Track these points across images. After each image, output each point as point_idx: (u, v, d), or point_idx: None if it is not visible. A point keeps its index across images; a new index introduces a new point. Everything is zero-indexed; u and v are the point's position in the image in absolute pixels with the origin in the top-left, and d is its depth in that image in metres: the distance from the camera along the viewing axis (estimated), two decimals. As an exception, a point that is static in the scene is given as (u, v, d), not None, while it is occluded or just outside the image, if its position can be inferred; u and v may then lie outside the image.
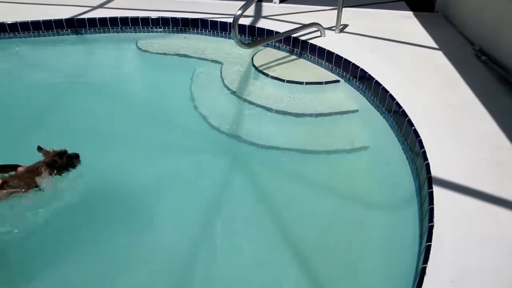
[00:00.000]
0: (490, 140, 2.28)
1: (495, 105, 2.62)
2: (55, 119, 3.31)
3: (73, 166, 2.36)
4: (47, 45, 4.45)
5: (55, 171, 2.31)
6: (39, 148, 2.38)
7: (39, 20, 4.38)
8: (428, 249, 1.61)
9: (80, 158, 2.42)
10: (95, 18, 4.48)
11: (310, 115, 3.09)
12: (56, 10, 4.68)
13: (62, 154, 2.34)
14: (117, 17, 4.50)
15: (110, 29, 4.56)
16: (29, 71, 4.18)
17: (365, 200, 2.46)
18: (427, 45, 3.68)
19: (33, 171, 2.24)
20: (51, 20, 4.40)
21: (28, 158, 2.60)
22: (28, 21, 4.37)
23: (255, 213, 2.42)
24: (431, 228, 1.70)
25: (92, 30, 4.53)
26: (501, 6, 3.26)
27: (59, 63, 4.29)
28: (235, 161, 2.90)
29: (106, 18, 4.49)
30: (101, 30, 4.54)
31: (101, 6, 4.96)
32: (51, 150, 2.35)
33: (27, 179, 2.19)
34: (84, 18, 4.47)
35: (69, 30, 4.49)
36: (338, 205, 2.45)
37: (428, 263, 1.55)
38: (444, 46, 3.64)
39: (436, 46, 3.65)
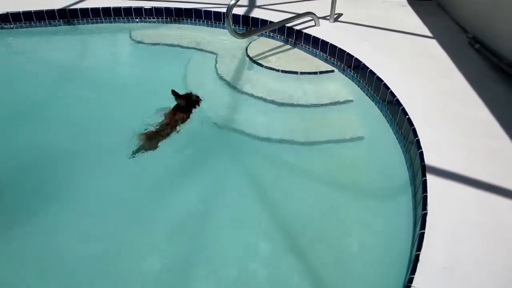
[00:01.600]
0: (484, 128, 2.30)
1: (488, 93, 2.64)
2: (48, 110, 3.30)
3: (199, 103, 3.06)
4: (39, 36, 4.39)
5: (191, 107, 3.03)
6: (173, 92, 2.98)
7: (31, 11, 4.32)
8: (421, 236, 1.63)
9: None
10: (88, 8, 4.42)
11: (305, 105, 3.09)
12: (48, 0, 4.62)
13: (191, 94, 3.05)
14: (110, 7, 4.45)
15: (103, 19, 4.50)
16: (20, 62, 4.13)
17: (360, 189, 2.48)
18: (422, 33, 3.69)
19: (175, 113, 2.92)
20: (43, 10, 4.34)
21: (18, 146, 2.78)
22: (19, 11, 4.31)
23: (249, 203, 2.43)
24: (424, 216, 1.72)
25: (85, 21, 4.48)
26: (495, -6, 3.27)
27: (51, 54, 4.23)
28: (228, 151, 2.89)
29: (99, 8, 4.44)
30: (94, 20, 4.49)
31: (93, -4, 4.90)
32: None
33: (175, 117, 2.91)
34: (77, 8, 4.41)
35: (61, 20, 4.43)
36: (333, 194, 2.47)
37: (422, 250, 1.58)
38: (438, 34, 3.64)
39: (430, 35, 3.66)
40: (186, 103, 2.97)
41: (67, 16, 4.42)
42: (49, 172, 2.66)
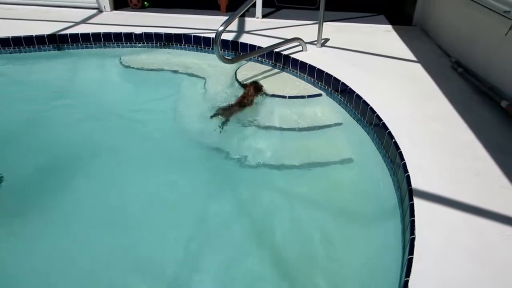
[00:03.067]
0: (468, 151, 2.34)
1: (472, 116, 2.70)
2: (37, 135, 3.27)
3: (261, 89, 3.48)
4: (29, 61, 4.40)
5: (258, 91, 3.46)
6: (241, 84, 3.58)
7: (20, 36, 4.33)
8: (410, 262, 1.63)
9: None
10: (78, 33, 4.45)
11: (293, 128, 3.12)
12: (38, 26, 4.65)
13: (256, 81, 3.58)
14: (100, 32, 4.49)
15: (93, 44, 4.53)
16: (9, 88, 4.11)
17: (348, 213, 2.47)
18: (406, 58, 3.78)
19: (246, 96, 3.40)
20: (32, 36, 4.36)
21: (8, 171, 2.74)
22: (8, 37, 4.32)
23: (237, 228, 2.41)
24: (412, 241, 1.72)
25: (75, 46, 4.50)
26: (475, 20, 3.38)
27: (40, 80, 4.23)
28: (217, 177, 2.89)
29: (89, 33, 4.47)
30: (84, 46, 4.52)
31: (83, 21, 4.95)
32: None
33: (244, 100, 3.40)
34: (67, 34, 4.44)
35: (51, 46, 4.45)
36: (321, 219, 2.46)
37: (410, 277, 1.57)
38: (422, 58, 3.74)
39: (414, 59, 3.75)
40: (253, 90, 3.44)
41: (57, 41, 4.44)
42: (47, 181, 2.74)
